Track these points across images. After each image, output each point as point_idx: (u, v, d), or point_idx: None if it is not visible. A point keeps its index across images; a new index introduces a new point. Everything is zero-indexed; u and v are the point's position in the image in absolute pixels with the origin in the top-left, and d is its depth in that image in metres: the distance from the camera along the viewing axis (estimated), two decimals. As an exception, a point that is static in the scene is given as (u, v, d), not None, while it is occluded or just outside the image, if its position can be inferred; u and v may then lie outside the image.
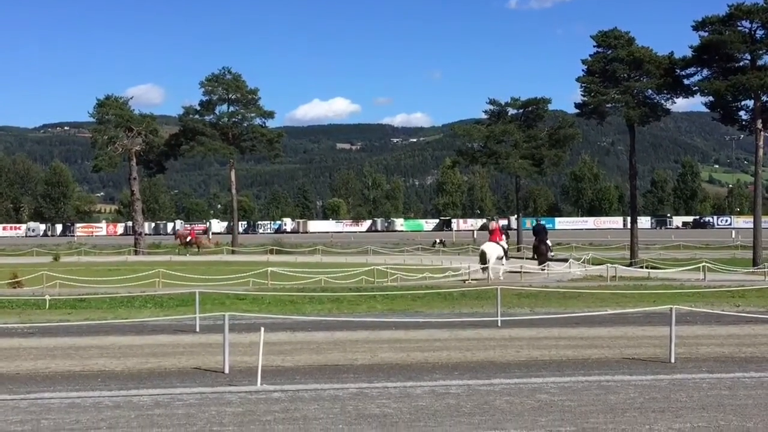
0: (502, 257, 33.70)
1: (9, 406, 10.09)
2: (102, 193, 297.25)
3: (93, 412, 9.76)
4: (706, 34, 44.27)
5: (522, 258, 47.96)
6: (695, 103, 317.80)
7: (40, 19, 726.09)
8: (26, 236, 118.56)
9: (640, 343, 15.52)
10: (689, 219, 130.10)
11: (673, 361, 13.25)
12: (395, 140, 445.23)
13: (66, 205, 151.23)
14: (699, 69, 45.97)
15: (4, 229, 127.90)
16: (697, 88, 45.97)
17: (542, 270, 35.66)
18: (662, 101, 48.81)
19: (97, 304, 22.29)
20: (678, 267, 37.77)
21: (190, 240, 63.67)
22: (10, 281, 30.12)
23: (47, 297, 22.37)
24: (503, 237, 34.97)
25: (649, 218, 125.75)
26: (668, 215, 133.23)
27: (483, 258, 32.97)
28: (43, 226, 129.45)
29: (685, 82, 47.18)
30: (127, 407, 10.01)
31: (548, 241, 39.99)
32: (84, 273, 35.23)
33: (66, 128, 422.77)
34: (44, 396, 10.72)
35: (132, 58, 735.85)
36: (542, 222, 46.26)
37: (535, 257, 40.63)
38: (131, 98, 70.81)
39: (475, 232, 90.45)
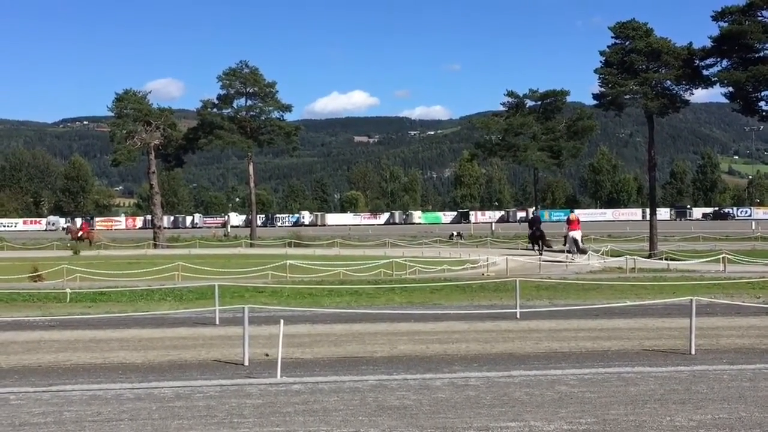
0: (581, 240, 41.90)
1: (32, 399, 10.18)
2: (121, 187, 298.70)
3: (114, 404, 9.83)
4: (725, 24, 43.94)
5: (551, 250, 47.91)
6: (714, 94, 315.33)
7: (59, 15, 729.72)
8: (46, 230, 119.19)
9: (660, 334, 15.47)
10: (709, 210, 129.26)
11: (693, 352, 13.21)
12: (413, 133, 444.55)
13: (85, 199, 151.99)
14: (718, 59, 45.60)
15: (24, 223, 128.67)
16: (716, 78, 45.60)
17: (540, 254, 41.62)
18: (681, 92, 48.46)
19: (117, 297, 22.41)
20: (698, 258, 37.57)
21: (81, 235, 63.22)
22: (31, 275, 30.31)
23: (68, 290, 22.51)
24: (580, 226, 42.99)
25: (668, 209, 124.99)
26: (688, 206, 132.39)
27: (573, 242, 40.90)
28: (63, 220, 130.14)
29: (705, 72, 46.84)
30: (148, 399, 10.08)
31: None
32: (104, 266, 35.42)
33: (85, 123, 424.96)
34: (66, 388, 10.80)
35: (152, 52, 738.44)
36: (537, 213, 53.03)
37: (534, 245, 46.36)
38: (150, 92, 71.08)
39: (494, 224, 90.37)
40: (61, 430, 8.71)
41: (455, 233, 68.27)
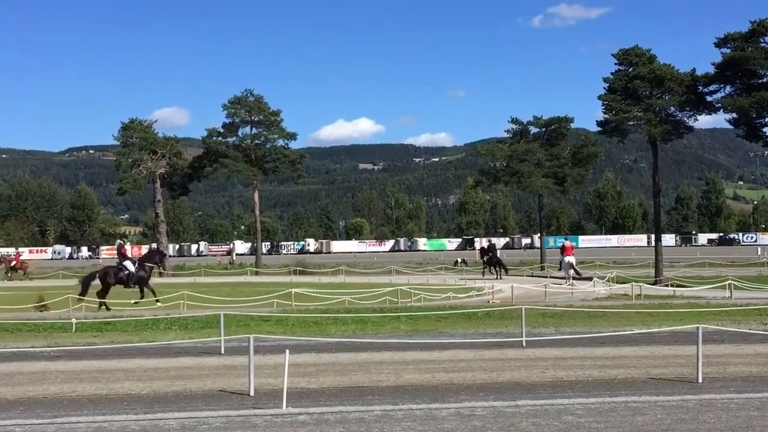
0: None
1: (37, 431, 10.15)
2: (126, 216, 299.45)
3: (120, 436, 9.80)
4: (728, 50, 44.03)
5: (546, 277, 47.81)
6: (719, 120, 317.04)
7: (65, 44, 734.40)
8: (52, 259, 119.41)
9: (667, 362, 15.41)
10: (714, 236, 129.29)
11: (700, 381, 13.15)
12: (417, 160, 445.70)
13: (91, 227, 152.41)
14: (722, 86, 45.66)
15: (30, 252, 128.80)
16: (720, 105, 45.63)
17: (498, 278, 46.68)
18: (685, 118, 48.44)
19: (122, 326, 22.39)
20: (704, 285, 37.46)
21: (14, 265, 63.15)
22: (37, 304, 30.28)
23: (74, 320, 22.49)
24: (573, 252, 46.33)
25: (673, 236, 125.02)
26: (693, 232, 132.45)
27: (570, 266, 43.79)
28: (69, 249, 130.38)
29: (708, 99, 46.85)
30: (153, 431, 10.04)
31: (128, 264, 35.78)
32: (109, 296, 35.37)
33: (91, 151, 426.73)
34: (71, 420, 10.76)
35: (158, 81, 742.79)
36: (492, 242, 57.72)
37: (492, 270, 50.52)
38: (155, 121, 71.44)
39: (499, 251, 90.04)
40: (66, 462, 8.68)
41: (460, 260, 68.21)
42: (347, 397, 12.22)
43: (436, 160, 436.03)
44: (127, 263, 32.26)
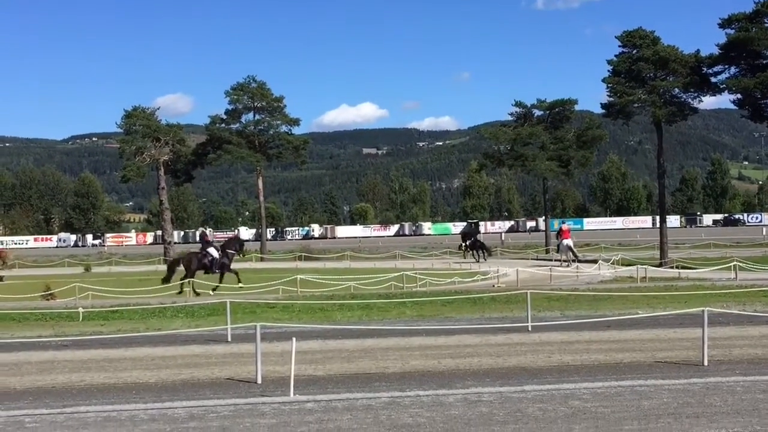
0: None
1: (47, 421, 10.21)
2: (131, 203, 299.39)
3: (129, 425, 9.85)
4: (732, 31, 43.96)
5: (551, 260, 47.84)
6: (723, 101, 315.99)
7: (67, 31, 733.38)
8: (57, 247, 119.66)
9: (673, 345, 15.45)
10: (719, 217, 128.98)
11: (706, 363, 13.19)
12: (421, 144, 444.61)
13: (96, 215, 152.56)
14: (726, 66, 45.63)
15: (35, 240, 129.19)
16: (724, 86, 45.61)
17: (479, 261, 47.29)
18: (689, 100, 48.42)
19: (129, 314, 22.47)
20: (709, 266, 37.47)
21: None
22: (44, 293, 30.39)
23: (80, 309, 22.57)
24: (570, 235, 47.28)
25: (678, 217, 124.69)
26: (698, 213, 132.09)
27: (568, 248, 45.13)
28: (73, 237, 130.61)
29: (713, 80, 46.83)
30: (162, 420, 10.10)
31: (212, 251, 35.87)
32: (115, 284, 35.50)
33: (94, 139, 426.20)
34: (80, 410, 10.82)
35: (160, 68, 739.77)
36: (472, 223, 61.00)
37: (474, 254, 51.37)
38: (158, 108, 71.24)
39: (503, 234, 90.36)
40: (76, 452, 8.74)
41: (464, 244, 68.21)
42: (354, 384, 12.27)
43: (440, 144, 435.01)
44: (211, 250, 33.13)
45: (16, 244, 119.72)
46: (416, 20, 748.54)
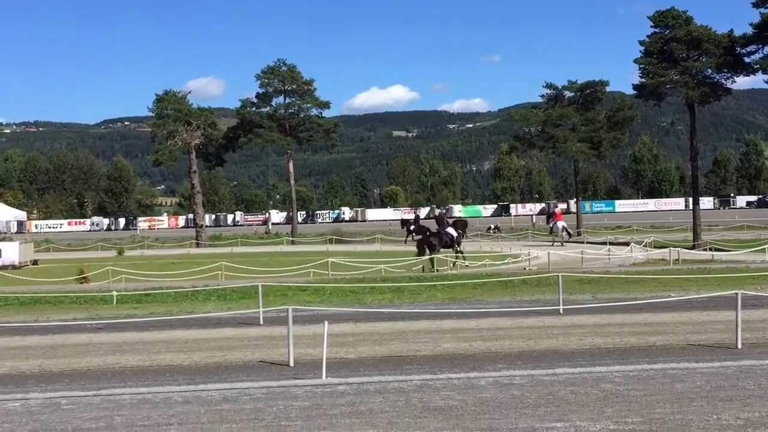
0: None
1: (83, 403, 10.35)
2: (163, 186, 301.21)
3: (163, 407, 9.96)
4: (766, 10, 43.33)
5: (582, 243, 47.61)
6: (757, 81, 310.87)
7: (100, 17, 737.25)
8: (90, 231, 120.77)
9: (706, 328, 15.35)
10: (753, 198, 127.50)
11: (739, 346, 13.10)
12: (452, 126, 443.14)
13: (128, 199, 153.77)
14: (760, 46, 44.98)
15: (69, 224, 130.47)
16: (758, 66, 45.01)
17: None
18: (722, 80, 47.86)
19: (162, 298, 22.69)
20: (742, 248, 37.16)
21: None
22: (78, 277, 30.75)
23: (114, 293, 22.80)
24: (563, 217, 53.13)
25: (711, 198, 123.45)
26: (731, 195, 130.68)
27: (563, 229, 51.00)
28: (106, 221, 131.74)
29: (746, 60, 46.21)
30: (196, 402, 10.20)
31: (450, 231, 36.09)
32: (148, 267, 35.84)
33: (126, 123, 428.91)
34: (115, 392, 10.96)
35: (192, 51, 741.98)
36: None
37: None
38: (190, 92, 71.57)
39: (534, 216, 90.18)
40: (112, 434, 8.85)
41: (493, 226, 68.27)
42: (386, 367, 12.32)
43: (471, 126, 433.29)
44: (450, 230, 35.66)
45: (50, 228, 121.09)
46: (446, 3, 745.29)
